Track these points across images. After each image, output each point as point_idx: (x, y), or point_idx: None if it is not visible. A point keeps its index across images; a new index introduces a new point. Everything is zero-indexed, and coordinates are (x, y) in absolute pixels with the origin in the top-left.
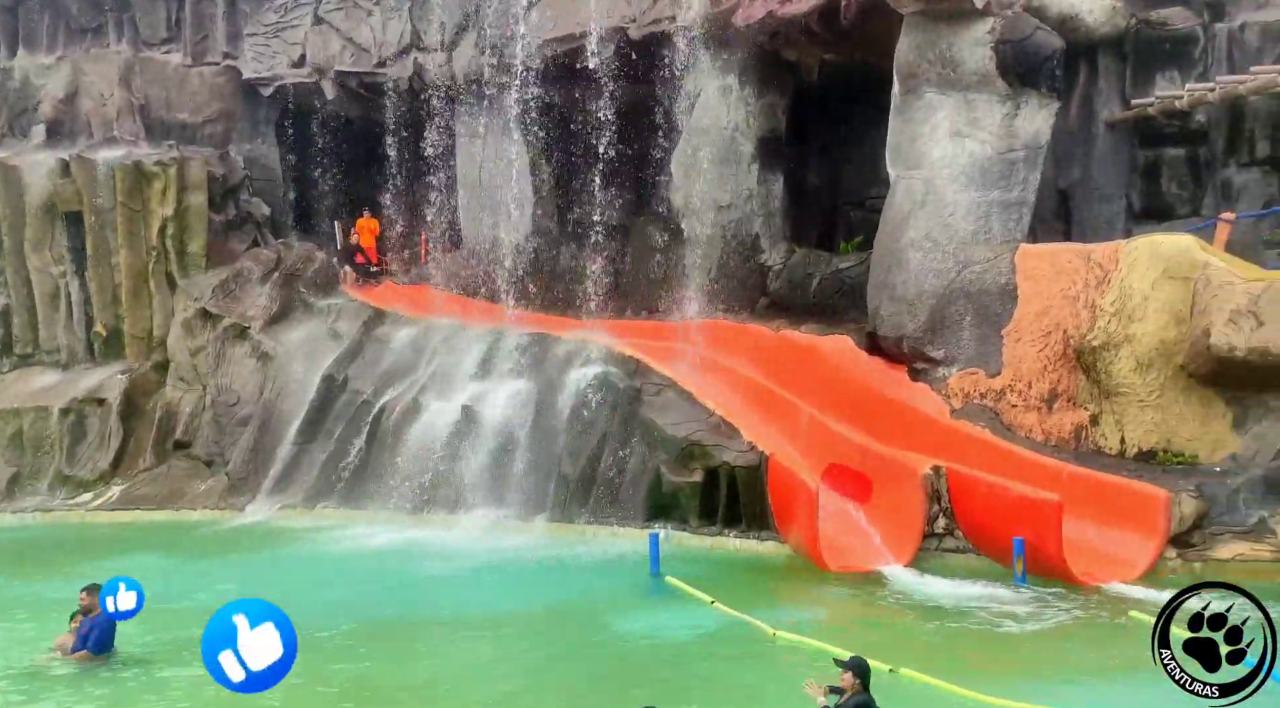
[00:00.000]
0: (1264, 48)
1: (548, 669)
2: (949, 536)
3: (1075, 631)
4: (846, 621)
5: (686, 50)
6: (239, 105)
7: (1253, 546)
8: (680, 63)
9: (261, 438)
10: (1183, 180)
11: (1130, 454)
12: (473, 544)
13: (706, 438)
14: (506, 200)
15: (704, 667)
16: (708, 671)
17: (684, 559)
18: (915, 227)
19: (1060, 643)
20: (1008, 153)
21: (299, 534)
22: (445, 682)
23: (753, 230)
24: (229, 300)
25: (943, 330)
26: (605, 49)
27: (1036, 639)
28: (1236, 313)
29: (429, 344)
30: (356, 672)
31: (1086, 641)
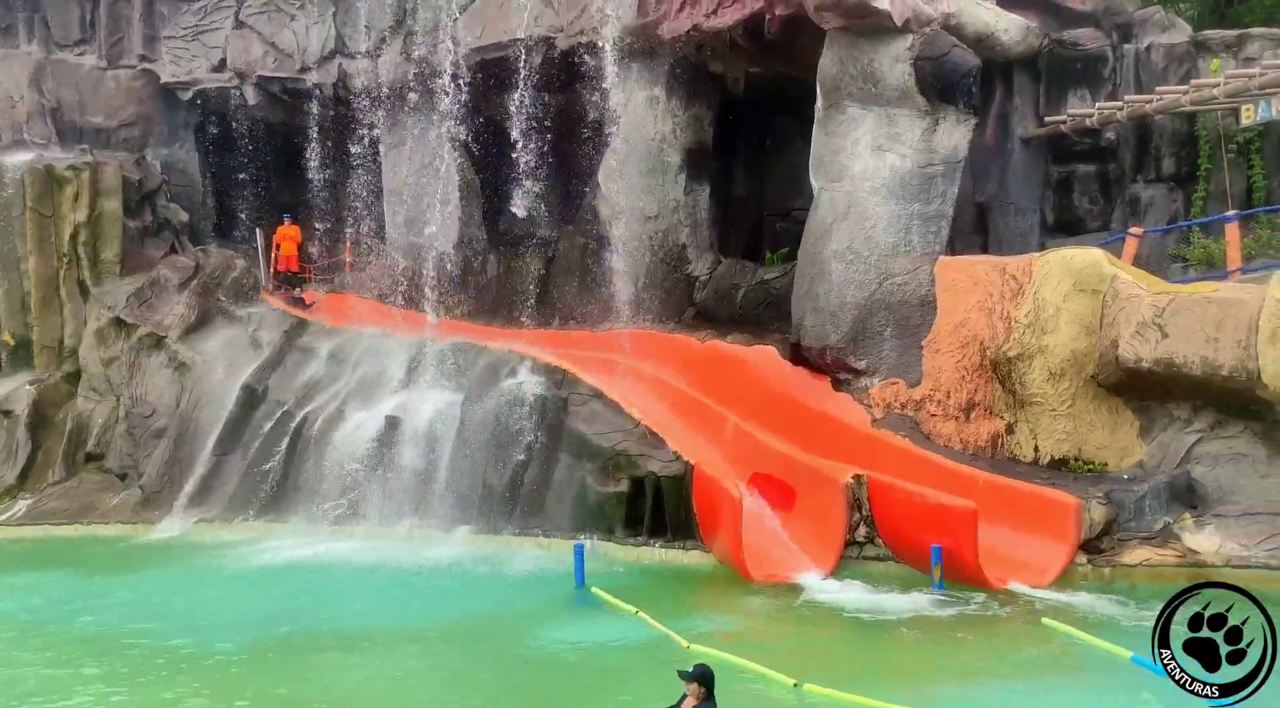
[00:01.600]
0: (1169, 68)
1: (468, 683)
2: (870, 544)
3: (987, 638)
4: (764, 631)
5: (613, 61)
6: (157, 109)
7: (1158, 551)
8: (607, 73)
9: (177, 450)
10: (1093, 195)
11: (1044, 462)
12: (394, 556)
13: (632, 448)
14: (433, 208)
15: (623, 678)
16: (626, 682)
17: (610, 570)
18: (837, 238)
19: (971, 650)
20: (927, 167)
21: (214, 548)
22: (360, 698)
23: (679, 241)
24: (144, 309)
25: (865, 341)
26: (532, 58)
27: (948, 646)
28: (1143, 325)
29: (352, 354)
30: (266, 691)
31: (997, 647)
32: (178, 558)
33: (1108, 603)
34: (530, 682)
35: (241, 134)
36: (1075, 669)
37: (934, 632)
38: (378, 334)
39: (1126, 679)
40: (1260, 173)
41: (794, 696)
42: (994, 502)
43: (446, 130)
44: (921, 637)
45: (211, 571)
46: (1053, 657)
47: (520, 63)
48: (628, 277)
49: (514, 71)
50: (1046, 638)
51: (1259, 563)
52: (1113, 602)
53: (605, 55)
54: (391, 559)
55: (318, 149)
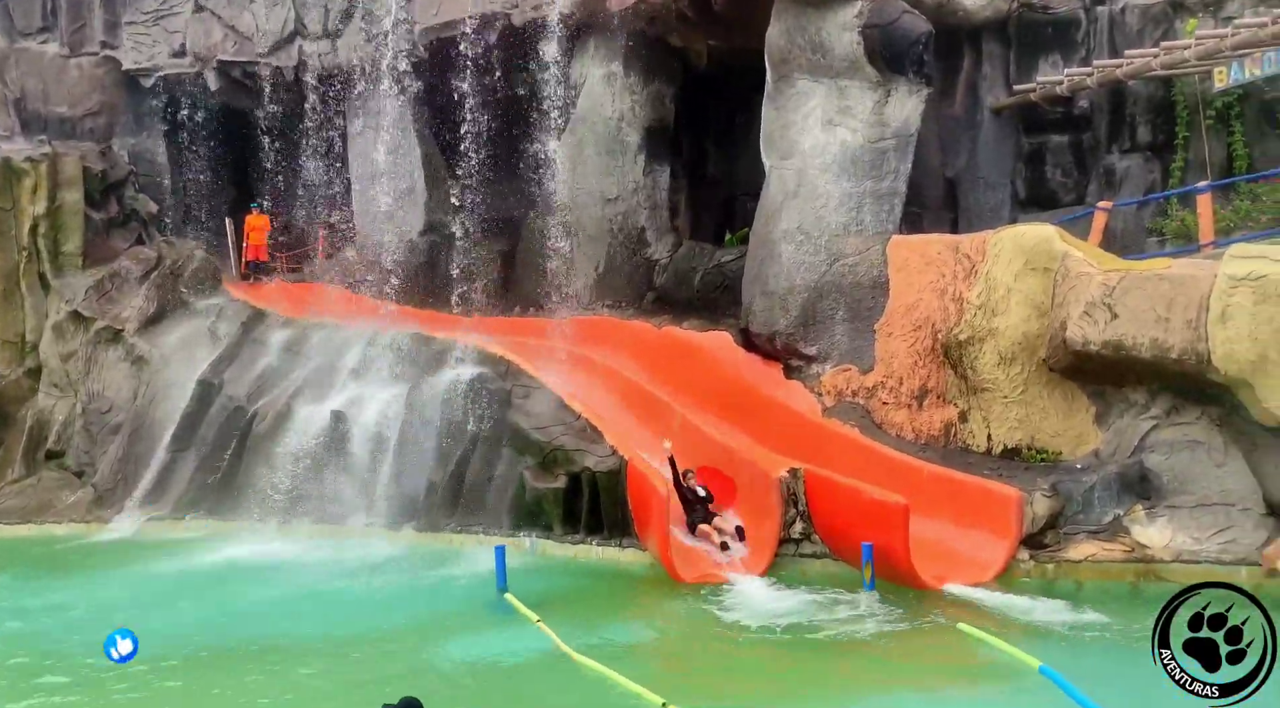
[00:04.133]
0: (1144, 30)
1: (361, 695)
2: (807, 540)
3: (901, 645)
4: (677, 639)
5: (567, 37)
6: (121, 98)
7: (1104, 546)
8: (563, 50)
9: (132, 447)
10: (1067, 168)
11: (996, 452)
12: (333, 557)
13: (570, 442)
14: (399, 194)
15: (513, 693)
16: (515, 698)
17: (546, 569)
18: (788, 218)
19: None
20: (879, 142)
21: (160, 549)
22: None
23: (639, 223)
24: (104, 302)
25: (815, 326)
26: (487, 36)
27: (856, 655)
28: (1092, 305)
29: (307, 346)
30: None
31: (908, 654)
32: (122, 559)
33: (1040, 604)
34: (427, 698)
35: (208, 122)
36: (979, 679)
37: (848, 639)
38: (333, 326)
39: (1030, 691)
40: (1241, 140)
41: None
42: (938, 495)
43: (409, 114)
44: (833, 645)
45: (151, 573)
46: (962, 665)
47: (476, 41)
48: (588, 261)
49: (471, 51)
50: (960, 645)
51: (1210, 557)
52: (1046, 603)
53: (559, 31)
54: (329, 560)
55: (284, 136)
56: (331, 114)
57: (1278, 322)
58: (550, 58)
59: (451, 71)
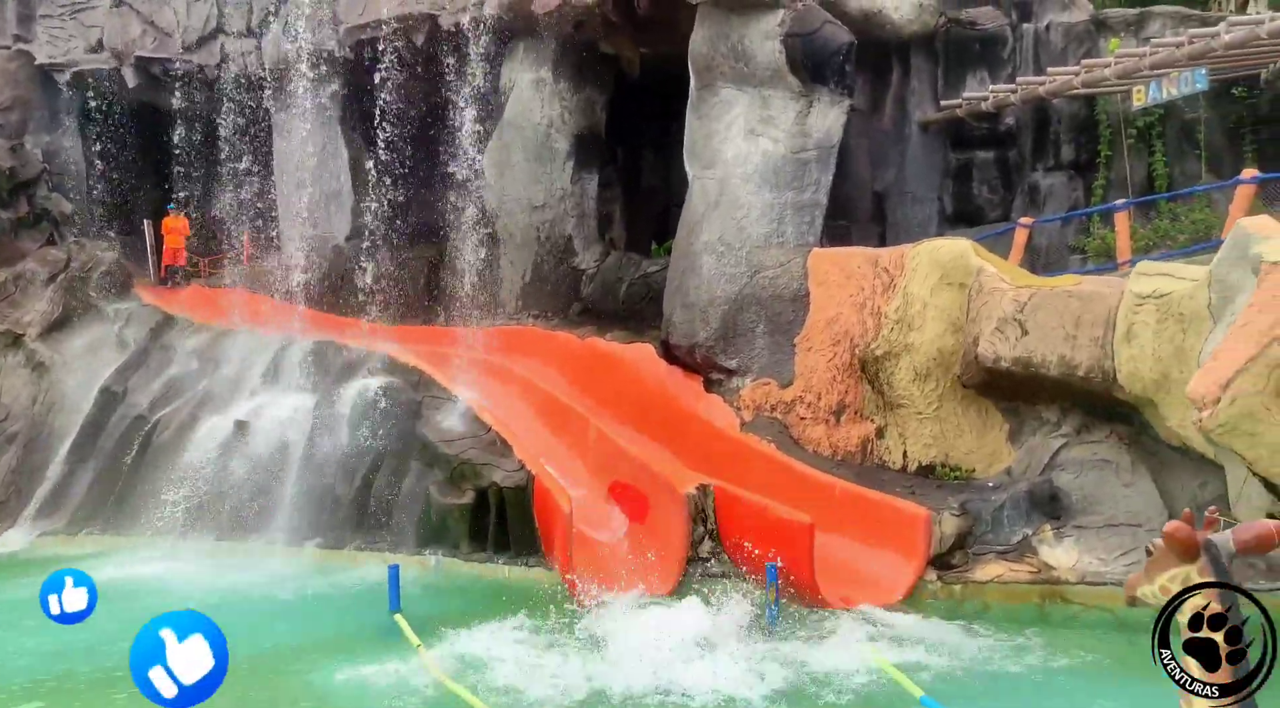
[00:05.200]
0: (1068, 48)
1: None
2: (714, 559)
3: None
4: (541, 666)
5: (496, 40)
6: (35, 93)
7: (1011, 566)
8: (491, 54)
9: (28, 457)
10: (993, 183)
11: (912, 469)
12: (227, 576)
13: (478, 456)
14: (325, 197)
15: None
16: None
17: (448, 589)
18: (709, 229)
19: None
20: (800, 152)
21: (48, 565)
22: None
23: (566, 232)
24: (6, 305)
25: (735, 339)
26: (415, 37)
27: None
28: (1004, 321)
29: (217, 353)
30: None
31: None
32: (7, 576)
33: (941, 627)
34: None
35: (126, 120)
36: None
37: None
38: (247, 332)
39: None
40: (1162, 160)
41: None
42: (849, 513)
43: (335, 115)
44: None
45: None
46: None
47: (402, 42)
48: (514, 270)
49: (396, 52)
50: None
51: (1115, 579)
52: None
53: (487, 35)
54: (222, 580)
55: (205, 135)
56: (255, 114)
57: (1179, 341)
58: (478, 61)
59: (377, 73)
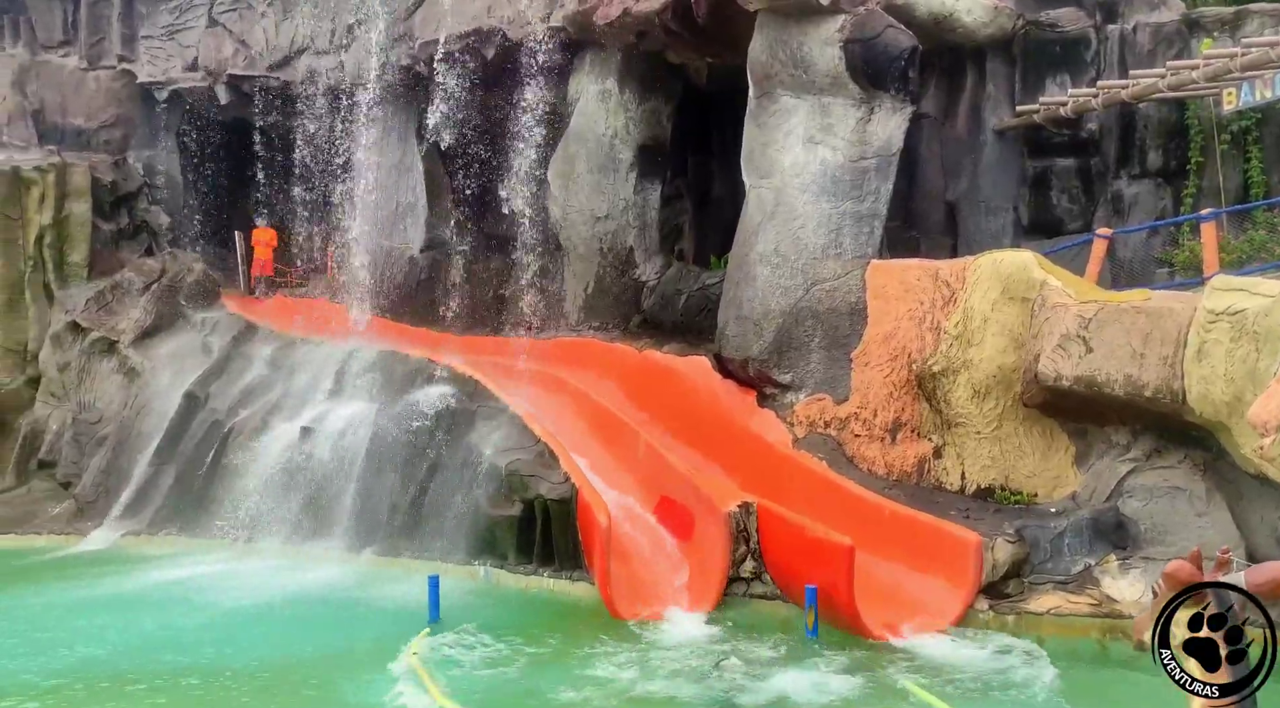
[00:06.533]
0: (1156, 51)
1: None
2: (757, 580)
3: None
4: (549, 692)
5: (563, 52)
6: (136, 111)
7: (1070, 598)
8: (556, 65)
9: (116, 459)
10: (1073, 192)
11: (970, 491)
12: (286, 580)
13: (525, 468)
14: (401, 210)
15: None
16: None
17: (493, 601)
18: (764, 240)
19: None
20: (859, 161)
21: (125, 564)
22: None
23: (627, 243)
24: (103, 313)
25: (790, 353)
26: (486, 50)
27: None
28: (1066, 338)
29: (291, 361)
30: None
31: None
32: (82, 574)
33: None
34: None
35: (219, 135)
36: None
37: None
38: (319, 341)
39: None
40: (1259, 167)
41: None
42: (897, 536)
43: (411, 128)
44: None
45: (103, 590)
46: None
47: (474, 56)
48: (577, 281)
49: (470, 66)
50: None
51: None
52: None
53: (555, 47)
54: (281, 583)
55: (291, 150)
56: (336, 128)
57: (1252, 361)
58: (546, 73)
59: (449, 88)
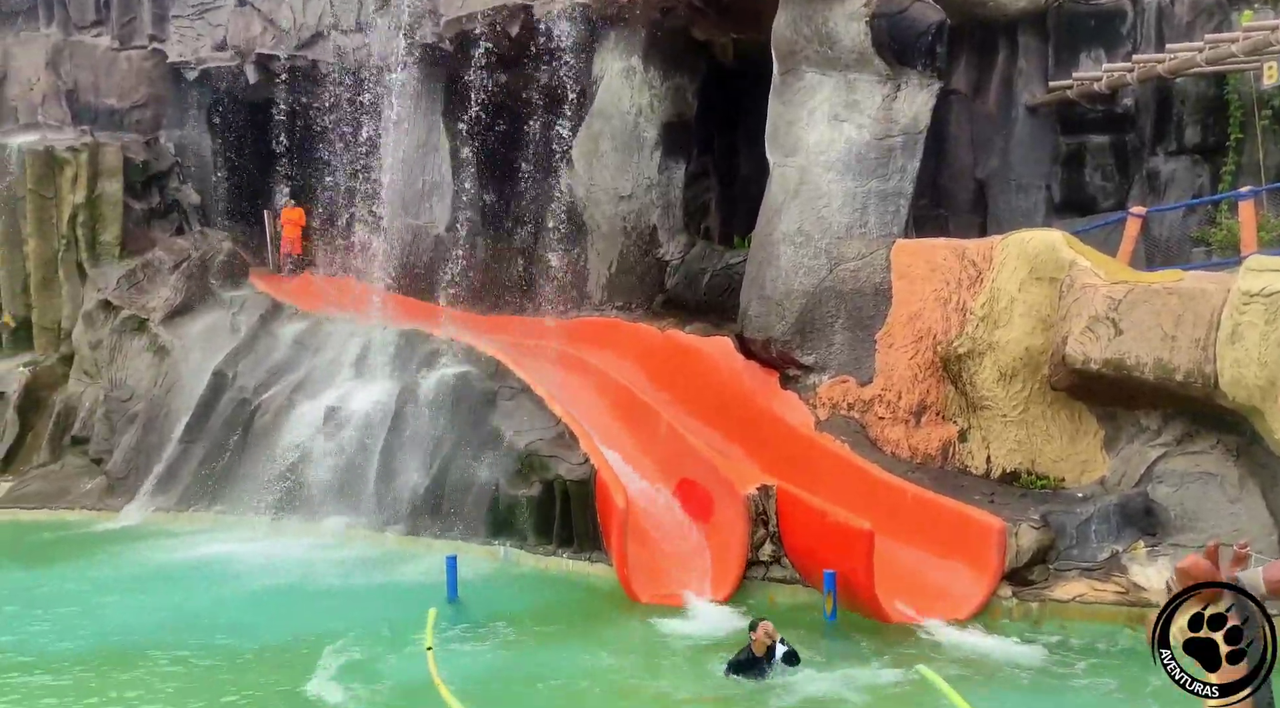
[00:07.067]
0: (1194, 23)
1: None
2: (776, 564)
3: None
4: (579, 673)
5: (588, 29)
6: (168, 90)
7: (1096, 585)
8: (581, 42)
9: (146, 436)
10: (1107, 170)
11: (995, 475)
12: (311, 557)
13: (545, 448)
14: (427, 188)
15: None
16: None
17: (512, 581)
18: (788, 219)
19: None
20: (885, 139)
21: (155, 540)
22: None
23: (651, 222)
24: (134, 292)
25: (813, 334)
26: (510, 27)
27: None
28: (1095, 319)
29: (316, 339)
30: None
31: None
32: (114, 550)
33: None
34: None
35: (248, 114)
36: None
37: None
38: (344, 319)
39: None
40: None
41: None
42: (920, 521)
43: (437, 107)
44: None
45: (132, 566)
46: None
47: (499, 34)
48: (601, 260)
49: (495, 44)
50: (904, 692)
51: None
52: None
53: (579, 23)
54: (305, 560)
55: (319, 128)
56: (363, 106)
57: None
58: (570, 50)
59: (474, 65)
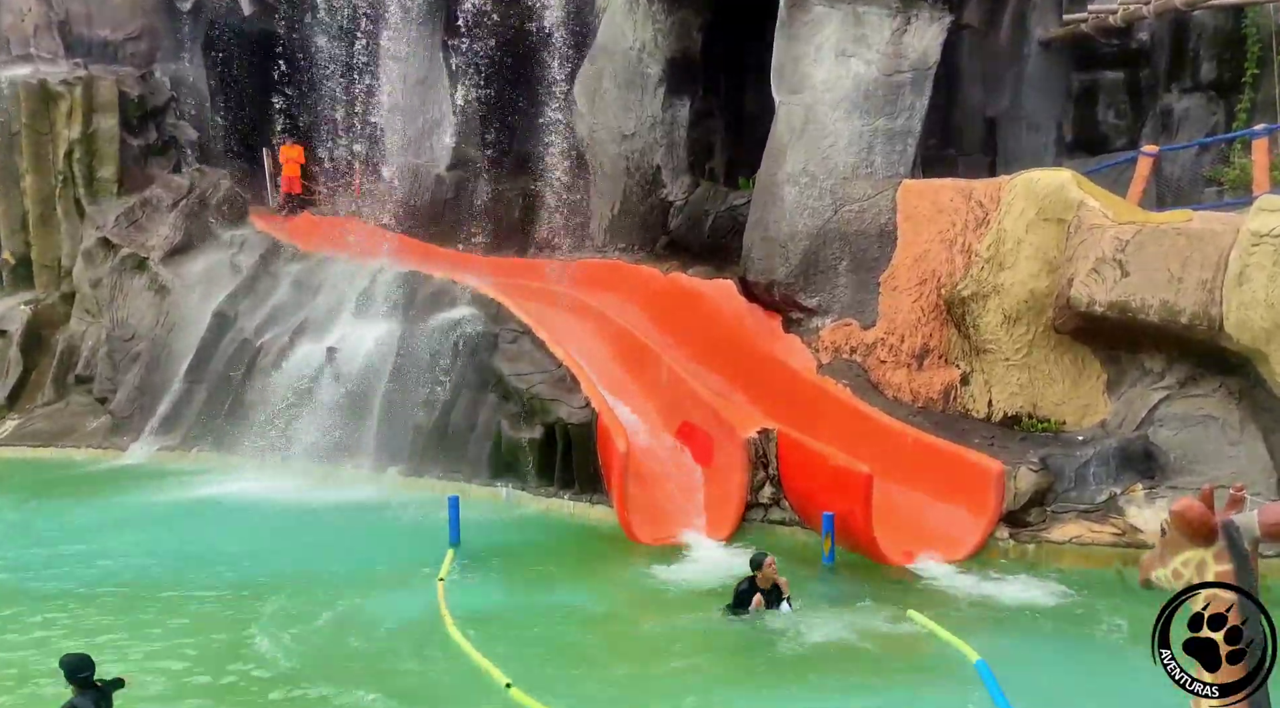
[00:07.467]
0: None
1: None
2: (776, 506)
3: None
4: (579, 613)
5: None
6: (163, 22)
7: (1093, 527)
8: None
9: (150, 375)
10: (1120, 107)
11: (996, 419)
12: (313, 497)
13: (547, 392)
14: (427, 126)
15: (378, 653)
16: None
17: (514, 522)
18: (793, 159)
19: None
20: (894, 75)
21: (160, 479)
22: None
23: (654, 161)
24: (133, 230)
25: (816, 276)
26: None
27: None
28: (1101, 261)
29: (317, 280)
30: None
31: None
32: (118, 487)
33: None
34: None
35: (244, 48)
36: (913, 672)
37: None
38: (345, 260)
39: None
40: None
41: (500, 697)
42: (921, 464)
43: (437, 42)
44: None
45: (137, 504)
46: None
47: None
48: (604, 201)
49: None
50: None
51: None
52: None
53: None
54: (307, 501)
55: (318, 65)
56: (361, 42)
57: None
58: None
59: None
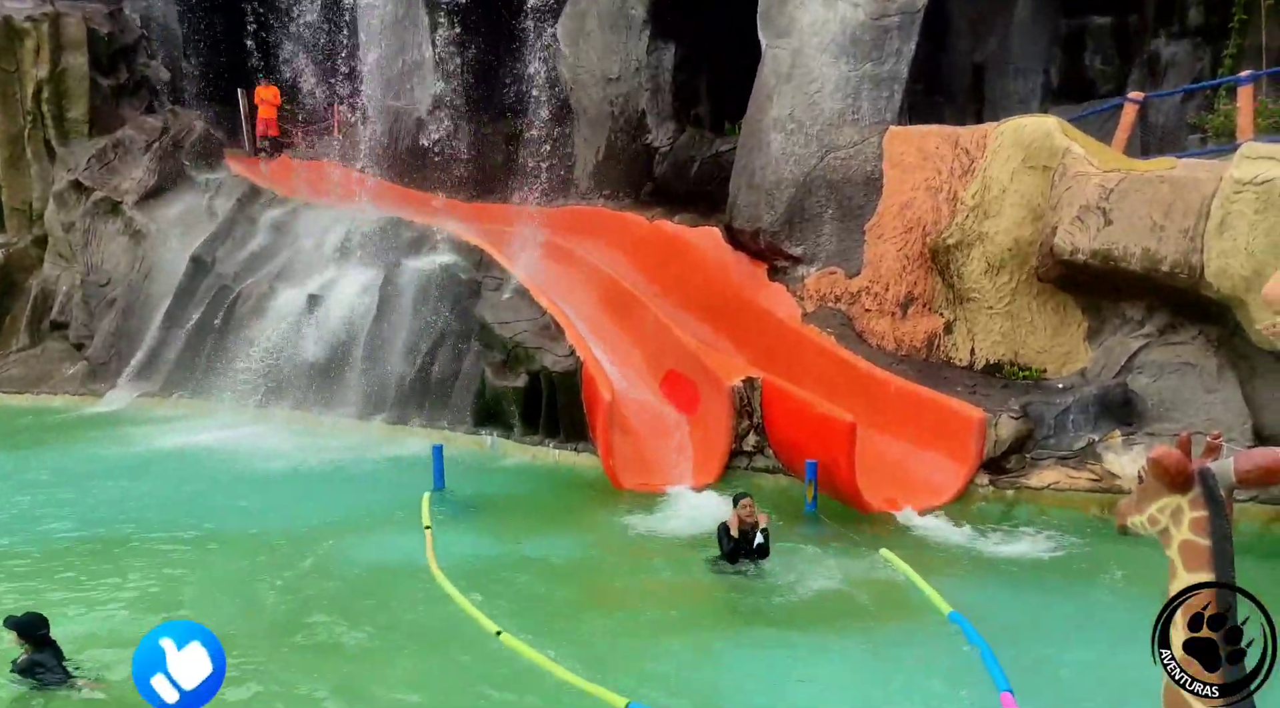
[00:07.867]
0: None
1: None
2: (760, 454)
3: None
4: (563, 560)
5: None
6: None
7: (1071, 473)
8: None
9: (126, 321)
10: (1107, 53)
11: (978, 367)
12: (295, 445)
13: (531, 340)
14: (407, 69)
15: (363, 597)
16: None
17: (499, 470)
18: (779, 105)
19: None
20: (881, 18)
21: (139, 426)
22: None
23: (639, 106)
24: (105, 172)
25: (802, 224)
26: None
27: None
28: (1085, 209)
29: (296, 226)
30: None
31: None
32: (97, 435)
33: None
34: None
35: None
36: (888, 620)
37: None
38: (324, 206)
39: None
40: None
41: (490, 644)
42: (903, 412)
43: None
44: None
45: (117, 451)
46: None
47: None
48: (588, 147)
49: None
50: (882, 581)
51: None
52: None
53: None
54: (290, 447)
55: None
56: None
57: (1276, 234)
58: None
59: None
